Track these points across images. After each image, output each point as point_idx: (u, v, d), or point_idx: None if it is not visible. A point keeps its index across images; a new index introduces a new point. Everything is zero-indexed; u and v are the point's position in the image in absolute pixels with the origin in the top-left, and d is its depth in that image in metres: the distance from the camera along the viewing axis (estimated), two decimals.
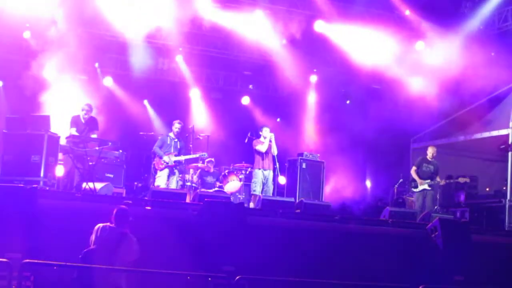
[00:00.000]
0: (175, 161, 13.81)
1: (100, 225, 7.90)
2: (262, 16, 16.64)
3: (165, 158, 13.73)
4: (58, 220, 8.42)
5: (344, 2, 16.96)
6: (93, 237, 7.83)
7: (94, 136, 12.44)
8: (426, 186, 14.46)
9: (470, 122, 17.41)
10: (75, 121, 12.54)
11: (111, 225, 7.91)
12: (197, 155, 14.38)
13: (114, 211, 7.98)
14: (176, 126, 14.16)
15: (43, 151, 10.74)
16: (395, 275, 10.37)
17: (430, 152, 14.83)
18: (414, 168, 14.73)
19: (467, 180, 14.87)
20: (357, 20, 17.05)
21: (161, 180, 13.64)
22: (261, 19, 16.68)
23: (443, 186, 15.87)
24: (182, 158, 14.00)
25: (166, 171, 13.73)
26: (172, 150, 13.90)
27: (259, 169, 13.78)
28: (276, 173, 13.94)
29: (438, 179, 14.56)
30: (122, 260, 7.80)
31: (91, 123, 12.61)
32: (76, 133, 12.24)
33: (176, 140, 14.06)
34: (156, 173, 13.94)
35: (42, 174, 10.68)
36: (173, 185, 13.78)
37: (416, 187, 14.52)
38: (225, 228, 9.71)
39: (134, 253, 7.91)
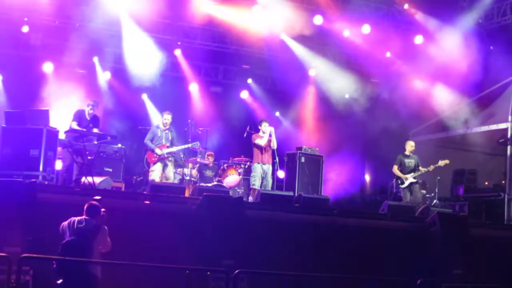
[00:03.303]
0: (167, 153, 13.55)
1: (76, 218, 8.00)
2: (262, 9, 16.60)
3: (157, 150, 13.42)
4: (57, 214, 8.41)
5: None
6: (67, 229, 7.94)
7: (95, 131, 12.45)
8: (411, 179, 14.55)
9: (469, 116, 17.41)
10: (79, 116, 12.55)
11: (86, 217, 8.02)
12: (190, 145, 14.16)
13: (86, 206, 8.10)
14: (165, 117, 13.74)
15: (42, 145, 10.74)
16: (393, 269, 10.40)
17: (409, 146, 14.87)
18: (395, 166, 14.74)
19: (447, 162, 14.87)
20: (356, 13, 17.02)
21: (156, 174, 13.39)
22: (260, 12, 16.64)
23: (440, 178, 15.91)
24: (174, 149, 13.67)
25: (159, 164, 13.46)
26: (163, 142, 13.57)
27: (258, 163, 13.78)
28: (276, 167, 13.95)
29: (422, 169, 14.59)
30: (98, 251, 7.98)
31: (95, 120, 12.67)
32: (78, 127, 12.23)
33: (166, 131, 13.71)
34: (149, 166, 13.73)
35: (41, 168, 10.68)
36: (171, 175, 13.54)
37: (403, 183, 14.58)
38: (224, 222, 9.74)
39: (108, 245, 8.08)
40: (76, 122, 12.41)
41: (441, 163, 14.76)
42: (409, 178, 14.52)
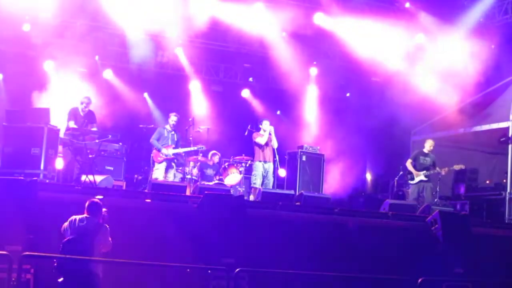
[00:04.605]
0: (173, 154, 13.77)
1: (77, 216, 7.99)
2: (262, 8, 16.60)
3: (164, 151, 13.63)
4: (58, 212, 8.42)
5: None
6: (68, 227, 7.93)
7: (94, 129, 12.45)
8: (422, 177, 14.32)
9: (470, 115, 17.39)
10: (73, 114, 12.54)
11: (88, 216, 8.00)
12: (196, 148, 14.31)
13: (87, 204, 8.09)
14: (173, 118, 13.97)
15: (43, 143, 10.74)
16: (395, 268, 10.39)
17: (428, 144, 14.74)
18: (410, 160, 14.63)
19: (462, 167, 14.78)
20: (357, 12, 17.00)
21: (159, 172, 13.59)
22: (261, 11, 16.63)
23: (442, 178, 15.86)
24: (180, 150, 13.96)
25: (164, 163, 13.66)
26: (169, 143, 13.77)
27: (260, 161, 13.80)
28: (276, 165, 13.95)
29: (437, 169, 14.46)
30: (99, 250, 7.96)
31: (89, 116, 12.66)
32: (75, 126, 12.24)
33: (172, 132, 13.94)
34: (153, 165, 13.88)
35: (42, 167, 10.67)
36: (171, 178, 13.73)
37: (413, 179, 14.41)
38: (225, 220, 9.73)
39: (109, 244, 8.06)
40: (73, 121, 12.40)
41: (456, 167, 14.67)
42: (420, 176, 14.32)
